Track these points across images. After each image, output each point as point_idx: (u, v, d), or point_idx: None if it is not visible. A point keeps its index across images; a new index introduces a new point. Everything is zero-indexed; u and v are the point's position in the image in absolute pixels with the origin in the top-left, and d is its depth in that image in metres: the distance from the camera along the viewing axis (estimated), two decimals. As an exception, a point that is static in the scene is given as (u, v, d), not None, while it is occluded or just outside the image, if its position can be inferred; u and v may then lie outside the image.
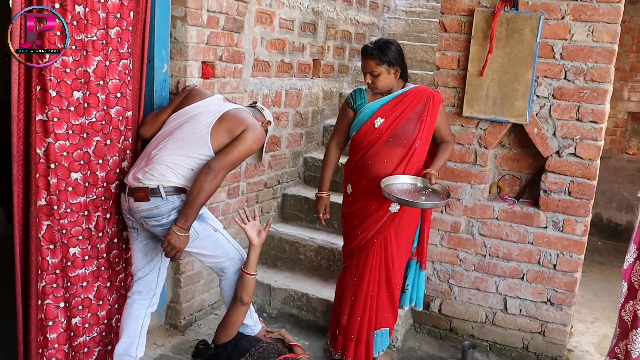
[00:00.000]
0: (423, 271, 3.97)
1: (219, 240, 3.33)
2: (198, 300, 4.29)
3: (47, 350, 3.10)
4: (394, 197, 3.39)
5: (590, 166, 3.82)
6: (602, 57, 3.69)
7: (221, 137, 3.16)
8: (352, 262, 3.80)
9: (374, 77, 3.54)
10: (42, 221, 2.95)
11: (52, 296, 3.06)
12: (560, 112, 3.83)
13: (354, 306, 3.77)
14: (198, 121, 3.22)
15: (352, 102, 3.70)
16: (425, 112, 3.57)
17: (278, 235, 4.84)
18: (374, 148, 3.57)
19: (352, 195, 3.74)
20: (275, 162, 4.94)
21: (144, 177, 3.12)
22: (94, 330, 3.39)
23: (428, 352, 4.21)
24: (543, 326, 4.08)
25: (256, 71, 4.45)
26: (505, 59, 3.84)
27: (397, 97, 3.60)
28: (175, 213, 3.10)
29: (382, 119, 3.56)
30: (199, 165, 3.13)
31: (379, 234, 3.67)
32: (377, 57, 3.47)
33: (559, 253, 3.96)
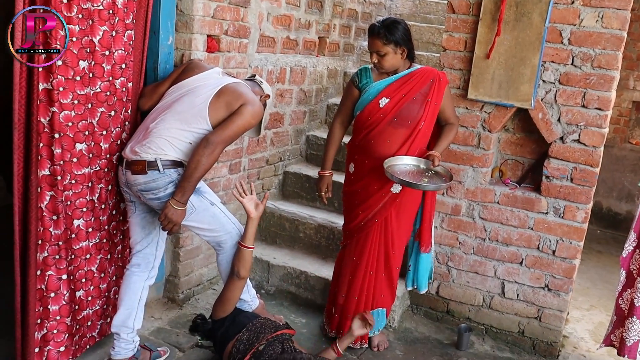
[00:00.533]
0: (423, 254, 3.97)
1: (216, 214, 3.33)
2: (197, 275, 4.30)
3: (47, 322, 3.10)
4: (396, 178, 3.38)
5: (593, 153, 3.81)
6: (610, 44, 3.66)
7: (219, 111, 3.14)
8: (351, 242, 3.81)
9: (380, 57, 3.51)
10: (45, 191, 2.93)
11: (54, 267, 3.05)
12: (565, 97, 3.81)
13: (352, 285, 3.78)
14: (196, 95, 3.20)
15: (358, 81, 3.68)
16: (430, 93, 3.56)
17: (278, 212, 4.84)
18: (378, 128, 3.56)
19: (354, 174, 3.73)
20: (278, 139, 4.92)
21: (141, 150, 3.11)
22: (96, 303, 3.40)
23: (424, 334, 4.23)
24: (540, 311, 4.09)
25: (261, 47, 4.42)
26: (512, 42, 3.81)
27: (402, 78, 3.58)
28: (173, 186, 3.10)
29: (387, 99, 3.54)
30: (197, 139, 3.12)
31: (380, 214, 3.67)
32: (384, 36, 3.44)
33: (559, 239, 3.96)
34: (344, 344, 3.50)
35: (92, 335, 3.44)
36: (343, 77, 5.79)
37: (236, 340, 3.31)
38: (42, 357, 3.11)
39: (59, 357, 3.19)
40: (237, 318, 3.47)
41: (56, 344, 3.16)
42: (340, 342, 3.50)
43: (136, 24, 3.25)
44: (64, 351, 3.21)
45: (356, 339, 3.78)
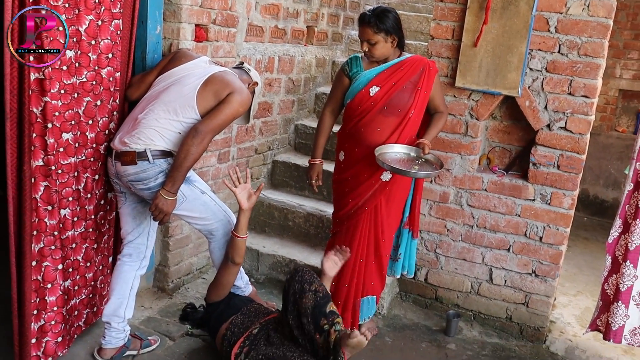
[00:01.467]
0: (415, 240, 4.01)
1: (206, 203, 3.34)
2: (186, 264, 4.31)
3: (45, 313, 3.09)
4: (387, 166, 3.40)
5: (580, 140, 3.84)
6: (596, 32, 3.69)
7: (207, 100, 3.15)
8: (341, 229, 3.83)
9: (370, 46, 3.51)
10: (40, 182, 2.91)
11: (50, 258, 3.04)
12: (552, 85, 3.84)
13: (342, 273, 3.78)
14: (184, 84, 3.19)
15: (348, 69, 3.68)
16: (420, 82, 3.57)
17: (267, 201, 4.85)
18: (368, 116, 3.57)
19: (344, 163, 3.75)
20: (266, 128, 4.93)
21: (130, 141, 3.11)
22: (82, 292, 3.40)
23: (413, 320, 4.26)
24: (527, 297, 4.14)
25: (250, 36, 4.42)
26: (500, 30, 3.83)
27: (393, 66, 3.59)
28: (163, 176, 3.11)
29: (377, 88, 3.55)
30: (186, 129, 3.12)
31: (370, 202, 3.69)
32: (374, 25, 3.44)
33: (546, 226, 4.00)
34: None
35: (79, 325, 3.44)
36: (331, 66, 5.79)
37: (230, 322, 3.33)
38: (39, 348, 3.11)
39: (56, 348, 3.19)
40: (232, 301, 3.50)
41: (54, 334, 3.16)
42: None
43: (123, 13, 3.23)
44: (61, 342, 3.21)
45: (345, 325, 3.81)
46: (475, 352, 3.96)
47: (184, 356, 3.52)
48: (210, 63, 3.38)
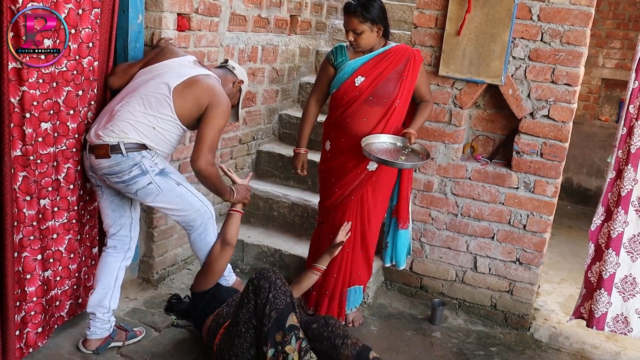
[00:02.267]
0: (401, 230, 4.02)
1: (182, 194, 3.30)
2: (171, 255, 4.29)
3: (25, 304, 3.08)
4: (373, 157, 3.41)
5: (562, 128, 3.86)
6: (578, 20, 3.70)
7: (185, 102, 3.15)
8: (328, 219, 3.83)
9: (356, 35, 3.49)
10: (18, 172, 2.89)
11: (29, 249, 3.04)
12: (535, 73, 3.85)
13: (330, 263, 3.79)
14: (163, 80, 3.17)
15: (333, 59, 3.66)
16: (406, 71, 3.57)
17: (252, 191, 4.82)
18: (354, 106, 3.57)
19: (330, 152, 3.75)
20: (250, 118, 4.91)
21: (104, 134, 3.09)
22: (65, 283, 3.37)
23: (398, 309, 4.27)
24: (511, 285, 4.16)
25: (233, 25, 4.40)
26: (483, 18, 3.83)
27: (378, 56, 3.58)
28: (137, 169, 3.10)
29: (362, 78, 3.54)
30: (161, 125, 3.14)
31: (356, 192, 3.70)
32: (360, 14, 3.42)
33: (529, 213, 4.02)
34: (324, 260, 3.67)
35: (61, 315, 3.42)
36: (315, 56, 5.78)
37: (216, 314, 3.32)
38: (21, 339, 3.10)
39: (36, 339, 3.18)
40: (217, 293, 3.48)
41: (34, 325, 3.15)
42: (320, 261, 3.66)
43: (103, 2, 3.20)
44: (41, 332, 3.20)
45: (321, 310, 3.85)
46: (461, 339, 3.98)
47: (170, 347, 3.51)
48: (195, 63, 3.35)
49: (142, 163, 3.11)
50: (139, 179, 3.12)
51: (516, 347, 3.97)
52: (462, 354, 3.81)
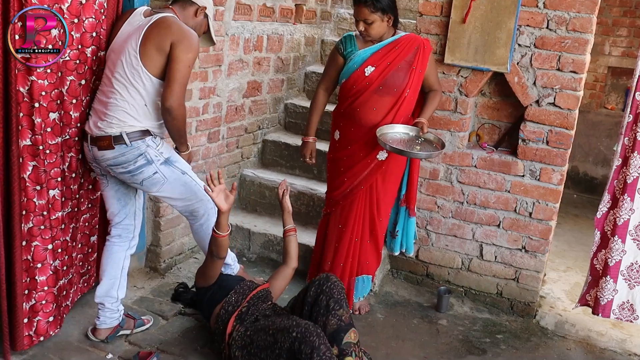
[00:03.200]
0: (412, 217, 4.03)
1: (187, 183, 3.30)
2: (178, 244, 4.31)
3: (36, 293, 3.09)
4: (389, 147, 3.40)
5: (568, 116, 3.85)
6: (584, 7, 3.68)
7: (153, 59, 3.04)
8: (336, 209, 3.83)
9: (367, 25, 3.47)
10: (28, 162, 2.90)
11: (40, 238, 3.04)
12: (541, 61, 3.84)
13: (337, 252, 3.80)
14: (127, 53, 3.07)
15: (342, 48, 3.65)
16: (415, 61, 3.55)
17: (258, 180, 4.85)
18: (364, 96, 3.56)
19: (339, 142, 3.74)
20: (256, 107, 4.92)
21: (104, 126, 3.08)
22: (70, 272, 3.40)
23: (404, 297, 4.29)
24: (517, 273, 4.17)
25: (238, 14, 4.39)
26: (488, 6, 3.82)
27: (388, 45, 3.56)
28: (143, 159, 3.10)
29: (372, 67, 3.53)
30: (150, 97, 3.10)
31: (366, 181, 3.70)
32: (371, 4, 3.39)
33: (535, 201, 4.02)
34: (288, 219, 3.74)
35: (67, 305, 3.44)
36: (321, 45, 5.78)
37: (224, 302, 3.34)
38: (31, 328, 3.12)
39: (48, 328, 3.20)
40: (224, 282, 3.50)
41: (45, 314, 3.17)
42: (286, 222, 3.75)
43: (108, -9, 3.21)
44: (52, 321, 3.22)
45: None
46: (467, 327, 3.99)
47: (178, 335, 3.53)
48: (146, 13, 3.21)
49: (148, 152, 3.11)
50: (145, 169, 3.13)
51: (522, 335, 3.98)
52: (468, 341, 3.83)
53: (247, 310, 3.28)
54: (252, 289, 3.44)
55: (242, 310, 3.28)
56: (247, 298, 3.36)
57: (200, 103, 4.15)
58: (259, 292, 3.42)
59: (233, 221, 4.65)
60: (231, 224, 4.61)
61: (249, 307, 3.30)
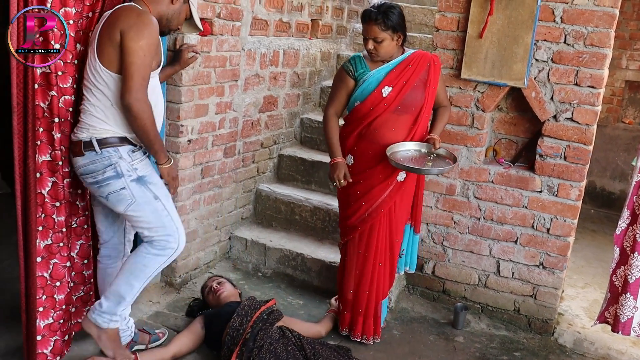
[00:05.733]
0: (417, 235, 3.95)
1: (157, 211, 2.99)
2: (194, 259, 4.31)
3: (55, 311, 3.06)
4: (401, 166, 3.36)
5: (586, 131, 3.82)
6: (602, 22, 3.67)
7: (108, 53, 2.79)
8: (354, 236, 3.68)
9: (376, 44, 3.41)
10: (47, 177, 2.89)
11: (58, 255, 3.02)
12: (558, 76, 3.82)
13: (361, 279, 3.68)
14: (88, 54, 2.88)
15: (353, 70, 3.54)
16: (429, 78, 3.51)
17: (274, 195, 4.85)
18: (382, 117, 3.47)
19: (354, 166, 3.60)
20: (272, 122, 4.92)
21: (78, 130, 2.92)
22: (80, 289, 3.36)
23: (421, 313, 4.26)
24: (535, 289, 4.13)
25: (254, 30, 4.42)
26: (505, 21, 3.82)
27: (401, 64, 3.49)
28: (112, 170, 2.88)
29: (389, 88, 3.45)
30: (115, 96, 2.85)
31: (385, 203, 3.59)
32: (382, 22, 3.34)
33: (553, 217, 3.98)
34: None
35: (78, 322, 3.37)
36: (336, 60, 5.78)
37: (229, 327, 3.33)
38: (47, 346, 3.06)
39: (63, 347, 3.18)
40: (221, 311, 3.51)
41: (62, 333, 3.13)
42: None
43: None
44: (67, 340, 3.21)
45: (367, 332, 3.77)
46: (484, 344, 3.95)
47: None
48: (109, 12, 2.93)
49: (119, 164, 2.90)
50: (112, 182, 2.90)
51: (540, 352, 3.94)
52: (485, 358, 3.79)
53: (253, 336, 3.26)
54: (256, 309, 3.43)
55: (247, 337, 3.26)
56: (250, 321, 3.34)
57: (216, 118, 4.17)
58: (262, 314, 3.40)
59: (248, 236, 4.65)
60: (246, 238, 4.61)
61: (253, 332, 3.28)
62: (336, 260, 4.32)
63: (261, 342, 3.26)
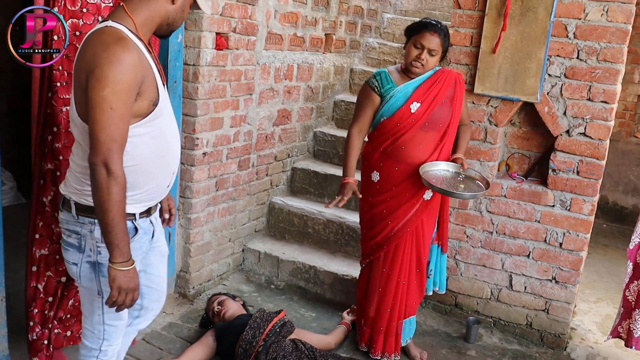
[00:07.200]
0: (445, 254, 3.86)
1: (92, 305, 2.45)
2: (207, 270, 4.34)
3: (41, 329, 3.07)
4: (436, 188, 3.32)
5: (599, 146, 3.84)
6: (615, 37, 3.69)
7: (82, 102, 2.17)
8: (379, 255, 3.62)
9: (429, 56, 3.36)
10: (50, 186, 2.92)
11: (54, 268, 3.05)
12: (571, 91, 3.84)
13: (383, 297, 3.63)
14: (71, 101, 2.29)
15: (379, 86, 3.46)
16: (455, 95, 3.48)
17: (287, 208, 4.88)
18: (409, 133, 3.41)
19: (380, 184, 3.53)
20: (286, 135, 4.97)
21: (64, 179, 2.43)
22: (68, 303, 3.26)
23: (433, 327, 4.26)
24: (547, 304, 4.13)
25: (269, 44, 4.47)
26: (518, 37, 3.84)
27: (428, 80, 3.44)
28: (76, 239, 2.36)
29: (417, 104, 3.40)
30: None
31: (412, 222, 3.53)
32: (443, 36, 3.34)
33: (566, 232, 3.99)
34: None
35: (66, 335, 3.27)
36: (349, 74, 5.83)
37: (241, 340, 3.36)
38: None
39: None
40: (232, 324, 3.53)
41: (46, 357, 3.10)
42: None
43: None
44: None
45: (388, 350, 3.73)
46: (496, 358, 3.95)
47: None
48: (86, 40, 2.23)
49: (85, 239, 2.34)
50: (71, 251, 2.38)
51: (553, 367, 3.94)
52: (497, 372, 3.79)
53: (265, 349, 3.28)
54: (269, 321, 3.45)
55: (259, 349, 3.28)
56: (263, 334, 3.37)
57: (231, 131, 4.21)
58: (274, 326, 3.43)
59: (261, 248, 4.68)
60: (259, 251, 4.64)
61: (266, 345, 3.30)
62: (349, 272, 4.35)
63: (274, 354, 3.28)
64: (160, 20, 2.32)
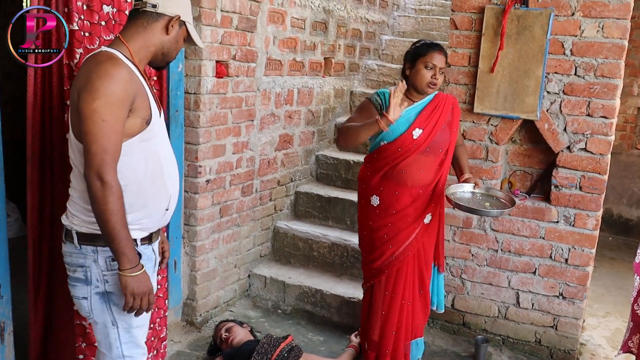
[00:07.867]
0: (442, 274, 3.84)
1: (109, 337, 2.42)
2: (214, 297, 4.34)
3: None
4: (465, 207, 3.36)
5: (601, 161, 3.85)
6: (612, 53, 3.72)
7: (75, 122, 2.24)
8: (381, 278, 3.58)
9: (440, 74, 3.36)
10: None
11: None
12: (570, 107, 3.86)
13: (387, 320, 3.60)
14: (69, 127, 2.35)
15: (382, 105, 3.40)
16: (453, 121, 3.50)
17: (291, 232, 4.89)
18: (410, 158, 3.40)
19: (380, 208, 3.50)
20: (288, 160, 4.99)
21: (65, 214, 2.43)
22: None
23: (441, 347, 4.25)
24: (555, 320, 4.11)
25: (269, 70, 4.51)
26: (515, 55, 3.88)
27: (429, 105, 3.44)
28: (82, 273, 2.36)
29: (420, 130, 3.38)
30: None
31: (413, 246, 3.52)
32: (445, 56, 3.38)
33: (571, 247, 3.99)
34: None
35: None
36: (349, 96, 5.87)
37: None
38: None
39: None
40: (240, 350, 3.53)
41: None
42: None
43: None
44: None
45: None
46: (506, 377, 3.94)
47: (215, 389, 3.55)
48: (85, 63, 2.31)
49: (90, 269, 2.35)
50: (79, 286, 2.38)
51: (563, 384, 3.92)
52: (508, 391, 3.77)
53: None
54: (276, 347, 3.45)
55: None
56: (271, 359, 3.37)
57: (233, 158, 4.23)
58: (282, 351, 3.42)
59: (267, 273, 4.69)
60: (265, 276, 4.65)
61: None
62: (355, 295, 4.34)
63: None
64: (155, 49, 2.38)
